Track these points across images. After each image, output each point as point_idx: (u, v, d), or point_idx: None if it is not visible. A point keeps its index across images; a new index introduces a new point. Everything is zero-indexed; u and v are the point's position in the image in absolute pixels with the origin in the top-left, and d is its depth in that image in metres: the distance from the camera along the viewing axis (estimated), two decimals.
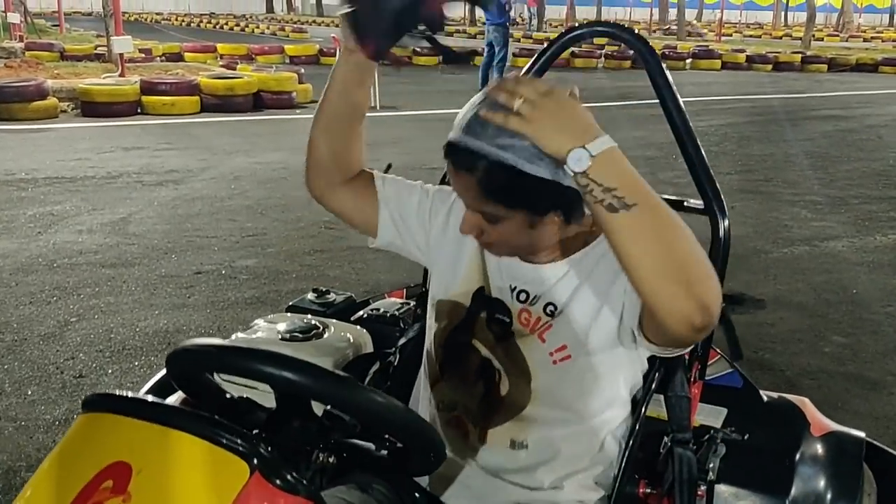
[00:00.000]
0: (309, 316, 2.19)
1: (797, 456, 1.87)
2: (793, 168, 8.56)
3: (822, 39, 38.24)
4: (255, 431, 1.19)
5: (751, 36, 42.54)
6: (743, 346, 3.77)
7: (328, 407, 1.33)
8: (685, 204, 1.98)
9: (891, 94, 16.76)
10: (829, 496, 1.81)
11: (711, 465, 1.72)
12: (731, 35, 40.81)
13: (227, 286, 4.48)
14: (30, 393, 3.24)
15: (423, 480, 1.56)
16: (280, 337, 2.04)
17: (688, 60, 22.86)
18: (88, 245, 5.17)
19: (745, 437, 1.90)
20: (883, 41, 40.69)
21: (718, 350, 2.13)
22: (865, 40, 41.19)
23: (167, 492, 0.98)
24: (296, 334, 2.05)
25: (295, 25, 35.76)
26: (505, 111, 1.16)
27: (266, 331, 2.09)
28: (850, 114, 13.31)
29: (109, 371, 3.44)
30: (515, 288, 1.47)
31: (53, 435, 2.92)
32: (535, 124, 1.14)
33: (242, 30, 36.00)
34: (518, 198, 1.29)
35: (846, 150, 9.79)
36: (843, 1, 49.61)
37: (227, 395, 1.32)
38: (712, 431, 1.84)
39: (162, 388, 1.94)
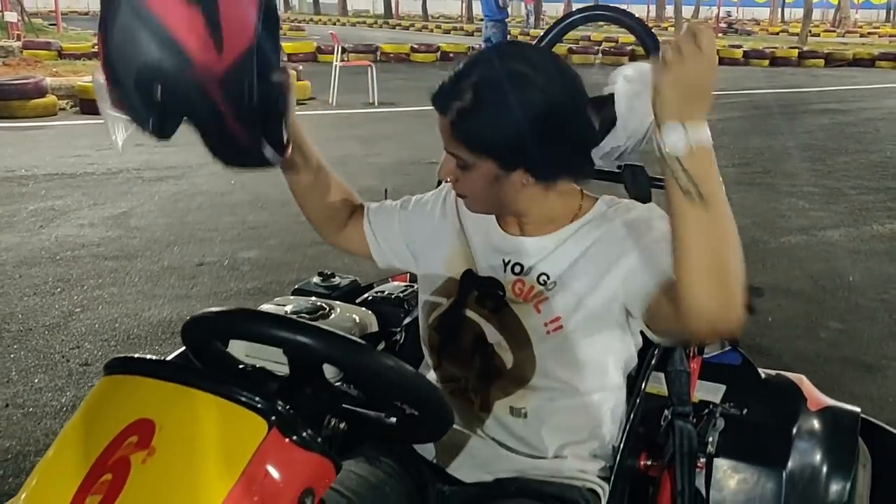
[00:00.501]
0: (314, 298, 2.23)
1: (794, 430, 1.91)
2: (790, 160, 8.61)
3: (818, 35, 38.27)
4: None
5: (748, 31, 42.58)
6: (741, 332, 3.83)
7: (339, 383, 1.37)
8: None
9: (888, 89, 16.82)
10: (825, 468, 1.86)
11: (711, 439, 1.76)
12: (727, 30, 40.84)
13: (230, 277, 4.52)
14: (36, 381, 3.28)
15: (430, 452, 1.60)
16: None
17: None
18: (90, 238, 5.21)
19: (744, 411, 1.95)
20: (879, 36, 40.76)
21: None
22: (862, 35, 41.27)
23: (189, 446, 1.02)
24: (302, 315, 2.09)
25: (292, 23, 35.75)
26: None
27: (273, 312, 2.13)
28: (847, 107, 13.36)
29: None
30: (509, 262, 1.51)
31: (61, 421, 2.96)
32: (677, 70, 1.10)
33: None
34: (483, 145, 1.37)
35: (843, 143, 9.84)
36: None
37: (241, 366, 1.36)
38: (711, 406, 1.88)
39: None
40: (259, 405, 1.05)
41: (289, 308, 2.12)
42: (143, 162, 7.67)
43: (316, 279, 2.50)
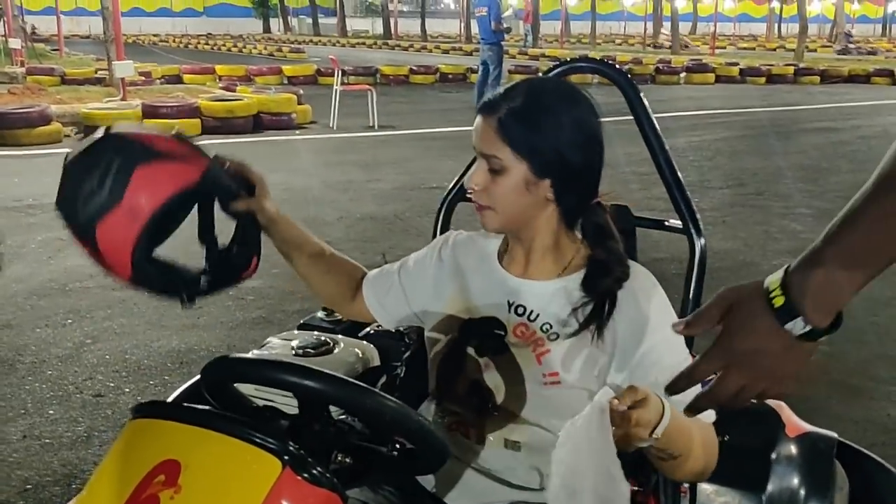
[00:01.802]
0: (317, 333, 2.34)
1: (773, 455, 2.02)
2: (784, 181, 8.73)
3: (815, 51, 38.53)
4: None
5: (745, 48, 42.83)
6: None
7: (343, 416, 1.50)
8: (666, 224, 2.15)
9: (881, 105, 16.96)
10: (802, 492, 1.95)
11: None
12: (724, 48, 41.13)
13: (235, 307, 4.64)
14: (51, 412, 3.40)
15: (429, 483, 1.70)
16: (294, 353, 2.20)
17: (682, 74, 23.12)
18: (98, 269, 5.29)
19: (725, 438, 2.05)
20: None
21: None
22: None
23: (212, 484, 1.15)
24: (308, 350, 2.20)
25: (292, 45, 36.03)
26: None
27: (280, 347, 2.25)
28: (841, 125, 13.50)
29: (126, 390, 3.60)
30: (513, 303, 1.60)
31: (77, 452, 3.07)
32: (630, 431, 1.27)
33: (240, 51, 36.24)
34: (525, 144, 1.48)
35: (837, 162, 9.97)
36: (836, 11, 50.02)
37: (253, 405, 1.49)
38: None
39: (185, 400, 2.07)
40: (272, 446, 1.18)
41: (294, 343, 2.24)
42: None
43: (320, 314, 2.60)
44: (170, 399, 2.17)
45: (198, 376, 2.10)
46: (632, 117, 2.00)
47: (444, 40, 46.88)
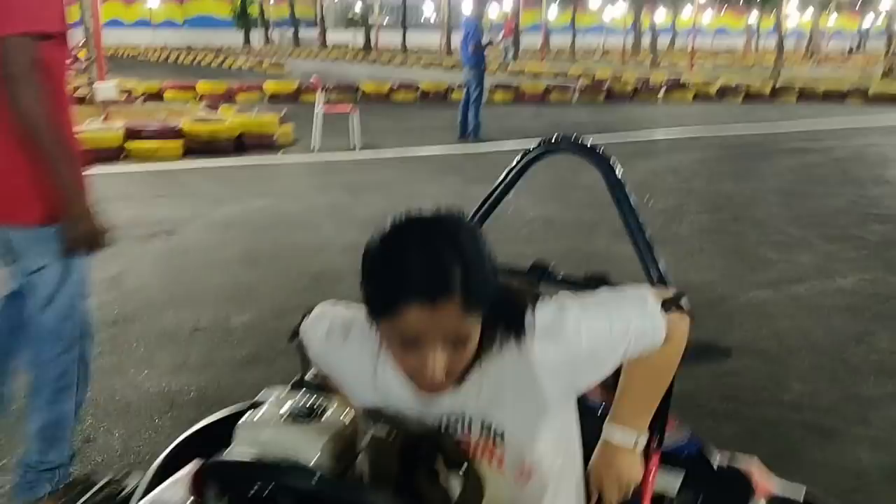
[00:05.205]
0: (312, 396, 2.39)
1: None
2: (760, 206, 8.88)
3: (793, 67, 38.94)
4: None
5: (723, 65, 43.23)
6: (710, 397, 4.00)
7: None
8: None
9: (856, 127, 17.16)
10: None
11: None
12: (702, 62, 41.54)
13: (224, 344, 4.70)
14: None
15: None
16: (283, 420, 2.23)
17: (660, 93, 23.45)
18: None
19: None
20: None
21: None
22: (837, 67, 42.03)
23: None
24: (299, 417, 2.24)
25: (272, 60, 36.04)
26: None
27: (269, 413, 2.29)
28: (815, 146, 13.71)
29: (116, 434, 3.64)
30: (444, 422, 1.51)
31: None
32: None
33: (220, 64, 36.19)
34: (486, 299, 1.33)
35: (811, 186, 10.15)
36: (813, 27, 50.62)
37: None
38: (666, 502, 2.08)
39: (175, 458, 2.09)
40: None
41: (283, 409, 2.28)
42: (132, 217, 7.78)
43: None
44: (158, 461, 2.16)
45: (191, 430, 2.16)
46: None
47: (425, 53, 46.99)
